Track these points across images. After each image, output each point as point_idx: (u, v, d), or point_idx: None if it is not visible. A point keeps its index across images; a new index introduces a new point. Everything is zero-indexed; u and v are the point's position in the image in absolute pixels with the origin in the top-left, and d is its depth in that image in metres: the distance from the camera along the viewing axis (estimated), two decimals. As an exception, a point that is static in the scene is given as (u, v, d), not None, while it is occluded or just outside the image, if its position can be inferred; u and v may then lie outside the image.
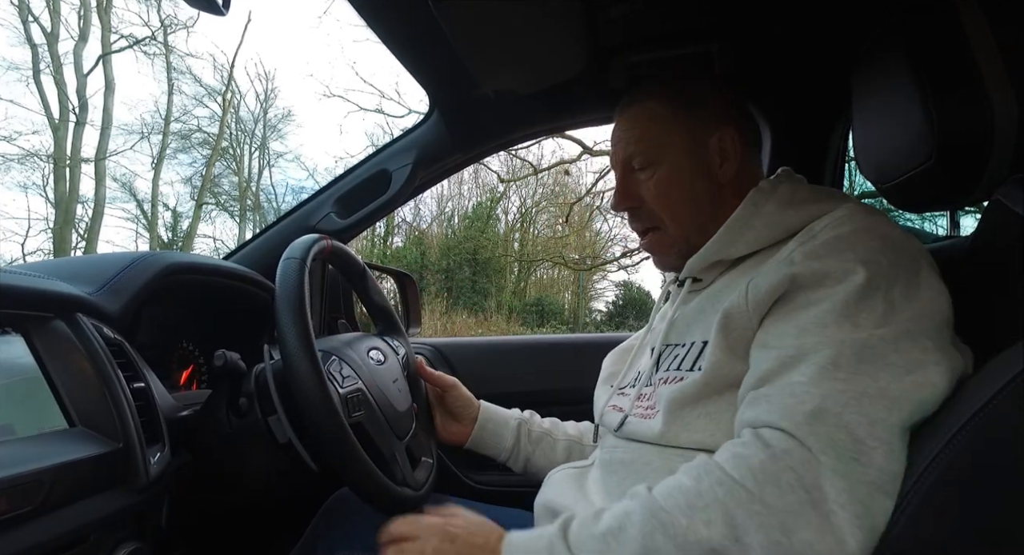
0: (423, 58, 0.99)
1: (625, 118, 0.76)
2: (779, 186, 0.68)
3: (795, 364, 0.52)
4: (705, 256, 0.69)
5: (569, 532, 0.53)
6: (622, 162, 0.75)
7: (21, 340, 0.55)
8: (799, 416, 0.48)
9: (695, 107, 0.73)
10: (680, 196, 0.72)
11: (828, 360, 0.50)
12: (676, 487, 0.51)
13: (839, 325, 0.52)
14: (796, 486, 0.46)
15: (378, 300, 0.99)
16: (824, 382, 0.49)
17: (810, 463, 0.46)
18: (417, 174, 1.11)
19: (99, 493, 0.52)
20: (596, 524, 0.52)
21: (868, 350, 0.50)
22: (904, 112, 0.70)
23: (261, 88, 12.39)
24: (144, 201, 11.44)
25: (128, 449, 0.56)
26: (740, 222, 0.67)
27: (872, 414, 0.47)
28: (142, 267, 0.74)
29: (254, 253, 1.15)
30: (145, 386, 0.64)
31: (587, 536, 0.52)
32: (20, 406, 0.52)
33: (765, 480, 0.47)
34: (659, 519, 0.49)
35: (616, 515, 0.52)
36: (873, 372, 0.49)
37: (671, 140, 0.72)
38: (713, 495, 0.48)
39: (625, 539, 0.50)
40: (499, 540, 0.56)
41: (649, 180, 0.73)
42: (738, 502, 0.47)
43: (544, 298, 11.49)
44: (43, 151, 10.08)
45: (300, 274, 0.71)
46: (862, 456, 0.46)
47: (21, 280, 0.57)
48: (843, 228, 0.58)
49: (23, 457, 0.46)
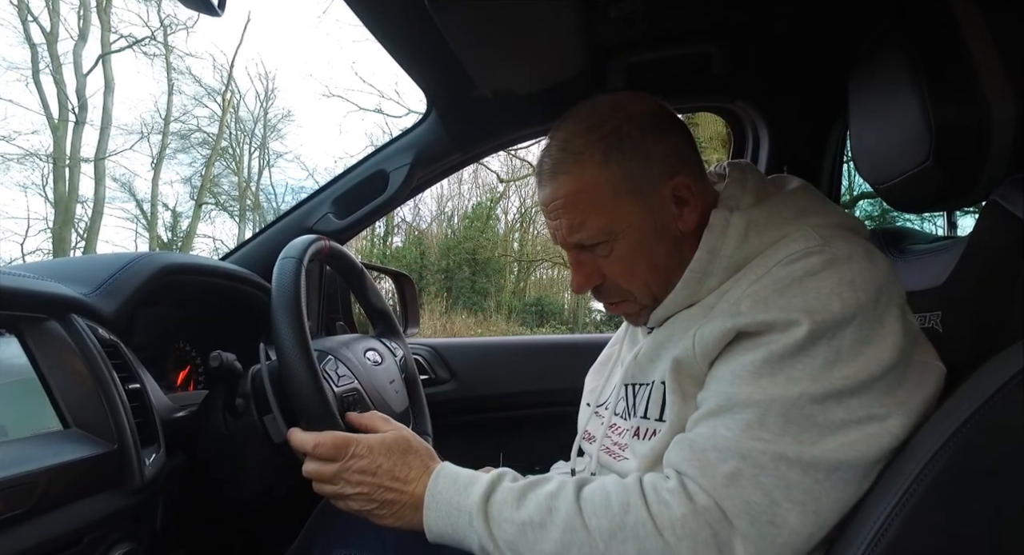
0: (420, 58, 0.99)
1: (558, 191, 0.63)
2: (731, 219, 0.61)
3: (723, 413, 0.52)
4: (669, 309, 0.65)
5: (490, 506, 0.55)
6: (573, 244, 0.65)
7: (15, 341, 0.54)
8: (719, 477, 0.50)
9: (639, 161, 0.61)
10: (646, 266, 0.64)
11: (754, 418, 0.50)
12: (603, 507, 0.52)
13: (772, 377, 0.51)
14: (711, 544, 0.48)
15: (376, 302, 0.99)
16: (746, 441, 0.50)
17: (724, 524, 0.48)
18: (415, 175, 1.11)
19: (93, 494, 0.52)
20: (518, 509, 0.54)
21: (795, 411, 0.50)
22: (901, 113, 0.70)
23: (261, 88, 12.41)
24: (144, 201, 11.45)
25: (123, 450, 0.56)
26: (698, 272, 0.61)
27: (788, 477, 0.48)
28: (138, 267, 0.73)
29: (251, 253, 1.15)
30: (140, 387, 0.64)
31: (507, 518, 0.54)
32: (14, 407, 0.52)
33: (684, 534, 0.49)
34: (579, 535, 0.51)
35: (540, 507, 0.54)
36: (797, 433, 0.49)
37: (621, 211, 0.62)
38: (634, 533, 0.50)
39: (543, 538, 0.53)
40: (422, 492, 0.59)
41: (607, 257, 0.64)
42: (654, 549, 0.49)
43: (544, 298, 11.48)
44: (42, 151, 10.10)
45: (296, 274, 0.71)
46: (776, 518, 0.48)
47: (15, 281, 0.57)
48: (795, 266, 0.55)
49: (16, 458, 0.46)
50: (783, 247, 0.57)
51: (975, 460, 0.46)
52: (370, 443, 0.62)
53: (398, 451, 0.62)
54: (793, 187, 0.66)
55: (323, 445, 0.61)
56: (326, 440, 0.61)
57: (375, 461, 0.60)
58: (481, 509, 0.55)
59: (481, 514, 0.55)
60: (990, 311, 0.62)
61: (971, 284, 0.67)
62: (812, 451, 0.48)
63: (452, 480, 0.59)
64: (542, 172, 0.65)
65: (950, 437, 0.46)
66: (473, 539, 0.55)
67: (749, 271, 0.58)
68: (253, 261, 1.11)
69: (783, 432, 0.49)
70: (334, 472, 0.61)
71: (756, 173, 0.68)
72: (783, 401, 0.50)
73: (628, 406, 0.68)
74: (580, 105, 0.66)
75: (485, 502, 0.55)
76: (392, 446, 0.62)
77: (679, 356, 0.59)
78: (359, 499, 0.60)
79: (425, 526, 0.58)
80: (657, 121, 0.64)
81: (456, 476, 0.59)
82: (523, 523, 0.53)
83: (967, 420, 0.45)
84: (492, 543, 0.54)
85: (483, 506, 0.55)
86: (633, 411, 0.66)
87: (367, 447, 0.61)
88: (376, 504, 0.60)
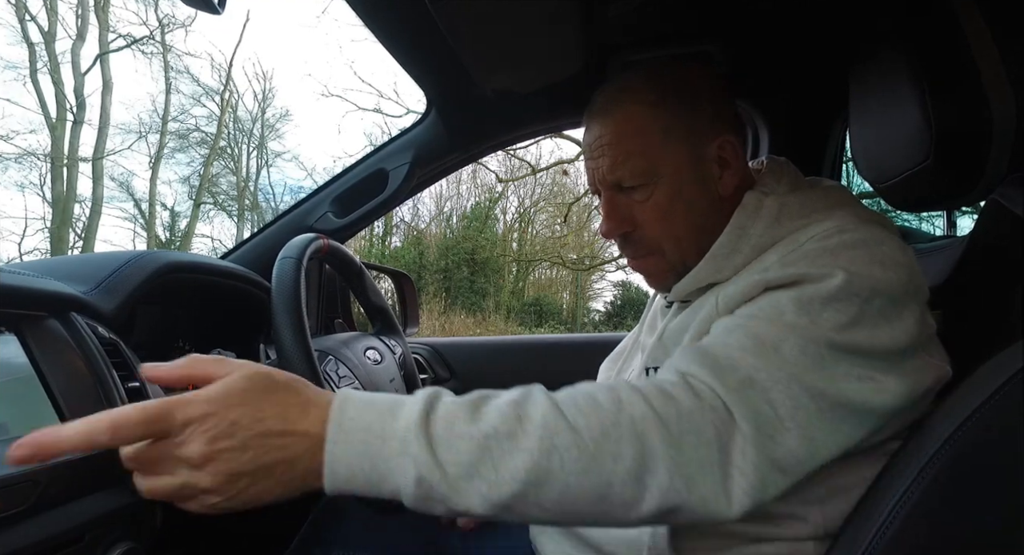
0: (420, 57, 0.99)
1: (606, 127, 0.64)
2: (764, 201, 0.62)
3: (740, 335, 0.50)
4: (692, 283, 0.64)
5: (433, 425, 0.42)
6: (609, 183, 0.65)
7: (15, 339, 0.54)
8: (731, 381, 0.46)
9: (692, 110, 0.64)
10: (682, 218, 0.63)
11: (771, 342, 0.49)
12: (590, 405, 0.44)
13: (796, 316, 0.50)
14: (714, 442, 0.44)
15: (375, 300, 0.99)
16: (761, 358, 0.48)
17: (729, 426, 0.45)
18: (415, 173, 1.11)
19: (93, 493, 0.52)
20: (474, 421, 0.42)
21: (812, 346, 0.48)
22: (902, 112, 0.70)
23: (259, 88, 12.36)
24: (142, 200, 11.42)
25: (123, 449, 0.56)
26: (726, 247, 0.61)
27: (798, 398, 0.46)
28: (138, 266, 0.73)
29: (251, 252, 1.15)
30: (140, 386, 0.64)
31: (461, 434, 0.42)
32: (13, 405, 0.51)
33: (689, 428, 0.44)
34: (563, 439, 0.42)
35: (505, 416, 0.43)
36: (811, 365, 0.48)
37: (667, 154, 0.62)
38: (632, 428, 0.43)
39: (513, 450, 0.41)
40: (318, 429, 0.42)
41: (644, 202, 0.63)
42: (657, 442, 0.43)
43: (542, 298, 11.49)
44: (40, 150, 10.06)
45: (296, 273, 0.71)
46: (777, 434, 0.45)
47: (14, 279, 0.57)
48: (831, 240, 0.54)
49: (16, 457, 0.46)
50: (815, 227, 0.56)
51: (976, 458, 0.46)
52: (208, 396, 0.41)
53: (257, 392, 0.42)
54: (828, 184, 0.67)
55: (124, 426, 0.39)
56: (127, 417, 0.39)
57: (224, 418, 0.40)
58: (420, 430, 0.41)
59: (421, 436, 0.41)
60: (990, 310, 0.62)
61: (971, 283, 0.67)
62: (821, 382, 0.47)
63: (367, 404, 0.43)
64: (592, 111, 0.66)
65: (951, 435, 0.46)
66: (408, 471, 0.41)
67: (777, 249, 0.58)
68: (253, 260, 1.11)
69: (797, 359, 0.48)
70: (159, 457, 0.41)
71: (793, 167, 0.69)
72: (803, 334, 0.49)
73: None
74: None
75: (424, 421, 0.42)
76: (246, 389, 0.42)
77: (703, 317, 0.58)
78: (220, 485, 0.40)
79: (327, 470, 0.41)
80: (712, 81, 0.66)
81: (372, 400, 0.44)
82: (485, 436, 0.42)
83: (968, 418, 0.45)
84: (438, 471, 0.41)
85: (422, 426, 0.42)
86: None
87: (204, 402, 0.40)
88: (247, 479, 0.41)
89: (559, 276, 12.32)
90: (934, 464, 0.46)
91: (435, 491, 0.41)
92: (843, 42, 0.97)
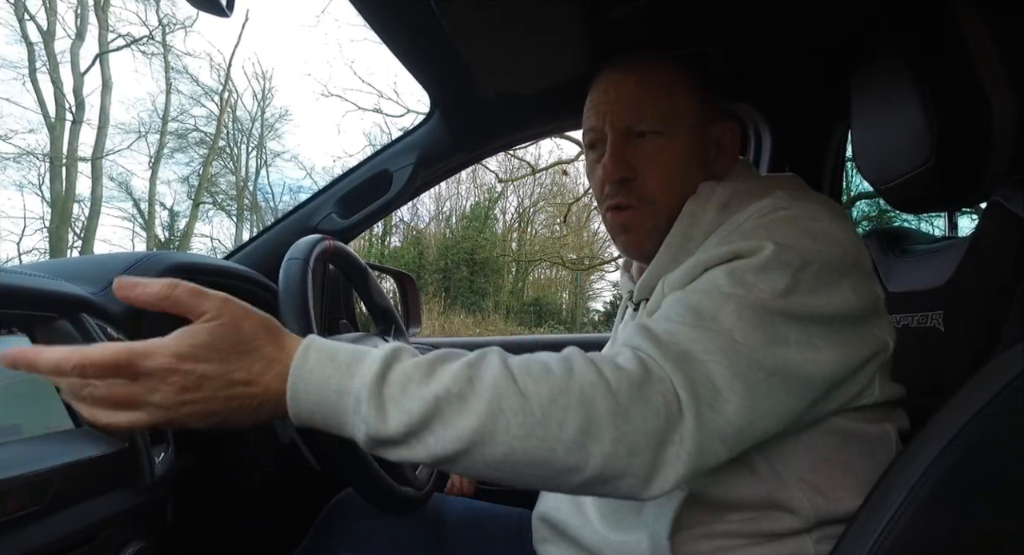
0: (424, 58, 0.99)
1: (630, 74, 0.67)
2: (716, 189, 0.64)
3: (679, 308, 0.52)
4: (651, 276, 0.66)
5: (387, 387, 0.44)
6: (624, 127, 0.66)
7: (26, 340, 0.55)
8: (671, 355, 0.47)
9: (706, 93, 0.69)
10: (681, 177, 0.66)
11: (709, 312, 0.50)
12: (542, 372, 0.45)
13: (731, 287, 0.51)
14: (660, 413, 0.45)
15: (379, 300, 1.00)
16: (699, 329, 0.49)
17: (673, 397, 0.46)
18: (418, 174, 1.11)
19: (105, 493, 0.53)
20: (427, 381, 0.44)
21: (749, 311, 0.49)
22: (903, 114, 0.71)
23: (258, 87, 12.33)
24: (141, 200, 11.41)
25: (133, 449, 0.56)
26: (680, 236, 0.63)
27: (735, 368, 0.47)
28: (145, 267, 0.74)
29: (255, 253, 1.15)
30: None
31: (411, 396, 0.43)
32: (26, 406, 0.52)
33: (638, 397, 0.45)
34: (511, 402, 0.43)
35: (457, 377, 0.44)
36: (749, 330, 0.49)
37: (687, 113, 0.66)
38: (580, 396, 0.44)
39: (461, 411, 0.43)
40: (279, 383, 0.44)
41: (654, 151, 0.65)
42: (604, 411, 0.44)
43: (542, 298, 11.50)
44: (39, 150, 10.05)
45: (303, 274, 0.71)
46: (715, 404, 0.46)
47: (25, 280, 0.57)
48: (766, 217, 0.56)
49: (31, 457, 0.46)
50: (753, 207, 0.59)
51: (979, 460, 0.46)
52: (176, 349, 0.42)
53: (224, 348, 0.44)
54: (780, 174, 0.71)
55: (91, 365, 0.42)
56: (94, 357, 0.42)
57: (191, 373, 0.43)
58: (373, 391, 0.44)
59: (373, 398, 0.43)
60: (992, 311, 0.63)
61: (973, 284, 0.68)
62: (759, 350, 0.48)
63: (329, 357, 0.45)
64: (616, 64, 0.70)
65: (954, 437, 0.47)
66: (359, 428, 0.44)
67: (720, 231, 0.60)
68: (257, 260, 1.11)
69: (734, 327, 0.49)
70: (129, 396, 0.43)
71: (751, 166, 0.72)
72: (739, 300, 0.50)
73: None
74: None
75: (380, 382, 0.44)
76: (211, 344, 0.43)
77: (652, 305, 0.61)
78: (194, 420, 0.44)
79: (291, 415, 0.45)
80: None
81: (335, 351, 0.46)
82: (435, 397, 0.43)
83: (972, 418, 0.46)
84: (387, 431, 0.43)
85: (375, 387, 0.44)
86: None
87: (172, 355, 0.42)
88: (218, 417, 0.45)
89: (558, 276, 12.33)
90: (938, 465, 0.46)
91: (384, 446, 0.45)
92: (844, 44, 0.97)
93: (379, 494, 0.68)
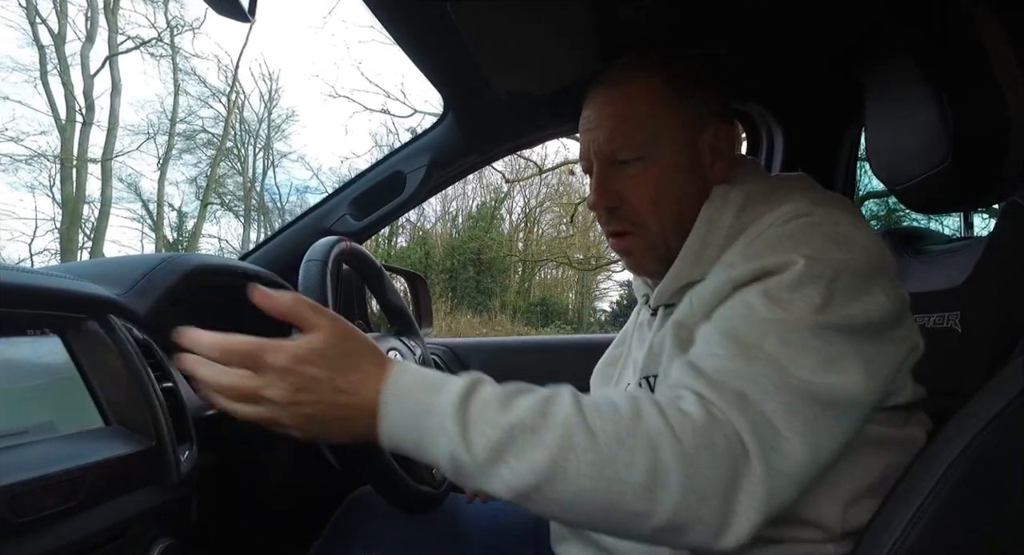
0: (438, 60, 1.00)
1: (608, 98, 0.66)
2: (731, 193, 0.63)
3: (723, 339, 0.52)
4: (671, 283, 0.65)
5: (470, 408, 0.47)
6: (606, 157, 0.66)
7: (58, 340, 0.56)
8: (727, 397, 0.48)
9: (691, 96, 0.66)
10: (670, 198, 0.65)
11: (754, 341, 0.50)
12: (611, 411, 0.47)
13: (769, 308, 0.51)
14: (727, 456, 0.45)
15: (394, 300, 1.01)
16: (745, 364, 0.49)
17: (737, 440, 0.46)
18: (432, 176, 1.12)
19: (134, 490, 0.54)
20: (505, 411, 0.46)
21: (794, 334, 0.49)
22: (918, 114, 0.71)
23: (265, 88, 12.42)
24: (150, 201, 11.52)
25: (160, 447, 0.57)
26: (699, 242, 0.63)
27: (791, 404, 0.47)
28: (168, 268, 0.75)
29: (271, 253, 1.16)
30: (174, 385, 0.66)
31: (490, 421, 0.46)
32: (60, 404, 0.53)
33: (704, 443, 0.45)
34: (580, 439, 0.45)
35: (532, 410, 0.46)
36: (795, 357, 0.48)
37: (667, 132, 0.64)
38: (647, 439, 0.45)
39: (533, 443, 0.45)
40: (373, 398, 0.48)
41: (637, 176, 0.65)
42: (671, 457, 0.44)
43: (548, 298, 11.50)
44: (50, 152, 10.16)
45: (322, 276, 0.72)
46: (778, 445, 0.46)
47: (56, 281, 0.59)
48: (788, 225, 0.56)
49: (66, 454, 0.48)
50: (773, 214, 0.58)
51: (999, 461, 0.46)
52: (295, 352, 0.48)
53: (335, 357, 0.49)
54: (792, 174, 0.69)
55: (230, 350, 0.49)
56: (233, 345, 0.49)
57: (305, 375, 0.48)
58: (458, 410, 0.46)
59: (457, 416, 0.46)
60: (1010, 311, 0.63)
61: (991, 284, 0.67)
62: (811, 380, 0.48)
63: (419, 379, 0.49)
64: (596, 85, 0.68)
65: (973, 439, 0.46)
66: (443, 446, 0.46)
67: (741, 239, 0.59)
68: (273, 260, 1.12)
69: (781, 355, 0.49)
70: (251, 390, 0.48)
71: (760, 165, 0.72)
72: (780, 325, 0.50)
73: None
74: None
75: (463, 403, 0.46)
76: (325, 352, 0.49)
77: (678, 318, 0.60)
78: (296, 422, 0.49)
79: (381, 431, 0.48)
80: (709, 76, 0.69)
81: (424, 375, 0.50)
82: (511, 426, 0.45)
83: (990, 422, 0.46)
84: (467, 451, 0.45)
85: (460, 407, 0.46)
86: None
87: (292, 356, 0.48)
88: (319, 423, 0.49)
89: (565, 276, 12.32)
90: (957, 467, 0.46)
91: (464, 469, 0.46)
92: (856, 43, 0.97)
93: (397, 492, 0.69)
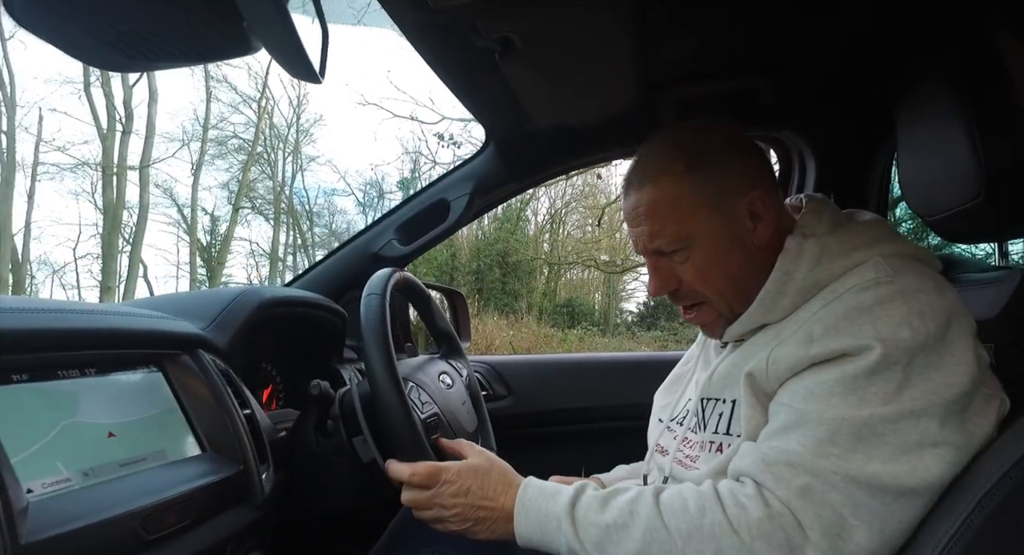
0: (481, 97, 1.05)
1: (641, 199, 0.70)
2: (805, 244, 0.66)
3: (795, 429, 0.56)
4: (745, 325, 0.69)
5: (576, 510, 0.61)
6: (652, 249, 0.70)
7: (161, 375, 0.63)
8: (792, 489, 0.54)
9: (717, 175, 0.68)
10: (720, 273, 0.69)
11: (826, 435, 0.54)
12: (681, 509, 0.57)
13: (845, 397, 0.55)
14: (784, 546, 0.52)
15: (442, 324, 1.06)
16: (817, 458, 0.53)
17: (798, 530, 0.52)
18: (474, 203, 1.17)
19: (229, 509, 0.60)
20: (603, 513, 0.60)
21: (867, 429, 0.53)
22: (950, 148, 0.72)
23: (294, 94, 12.66)
24: (184, 206, 11.87)
25: (247, 470, 0.64)
26: (773, 292, 0.65)
27: (857, 497, 0.52)
28: (242, 303, 0.82)
29: (321, 277, 1.23)
30: (252, 412, 0.72)
31: (593, 521, 0.60)
32: (168, 434, 0.60)
33: (759, 534, 0.53)
34: (659, 534, 0.57)
35: (622, 511, 0.59)
36: (867, 450, 0.53)
37: (699, 220, 0.67)
38: (711, 533, 0.55)
39: (625, 538, 0.58)
40: (511, 504, 0.65)
41: (684, 263, 0.69)
42: (729, 546, 0.54)
43: (574, 299, 11.48)
44: (92, 160, 10.58)
45: (382, 309, 0.78)
46: (844, 532, 0.52)
47: (155, 323, 0.66)
48: (865, 294, 0.58)
49: (180, 478, 0.54)
50: (854, 275, 0.61)
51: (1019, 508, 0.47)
52: (459, 469, 0.68)
53: (483, 472, 0.68)
54: (867, 219, 0.71)
55: (418, 474, 0.68)
56: (420, 470, 0.68)
57: (464, 484, 0.67)
58: (568, 514, 0.61)
59: (568, 518, 0.61)
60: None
61: (1024, 317, 0.69)
62: (880, 473, 0.52)
63: (540, 490, 0.65)
64: (629, 182, 0.73)
65: (1008, 470, 0.48)
66: (561, 542, 0.61)
67: (821, 296, 0.62)
68: (325, 284, 1.19)
69: (853, 450, 0.53)
70: (428, 498, 0.67)
71: (832, 205, 0.73)
72: (854, 420, 0.53)
73: (700, 420, 0.72)
74: (665, 129, 0.73)
75: (572, 507, 0.61)
76: (477, 469, 0.68)
77: (753, 370, 0.63)
78: (455, 520, 0.67)
79: (516, 533, 0.64)
80: (735, 141, 0.71)
81: (543, 487, 0.66)
82: (607, 525, 0.59)
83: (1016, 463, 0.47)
84: (579, 544, 0.59)
85: (570, 511, 0.61)
86: (704, 425, 0.71)
87: (456, 473, 0.68)
88: (471, 522, 0.66)
89: (591, 277, 12.28)
90: (991, 498, 0.48)
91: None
92: (889, 73, 0.99)
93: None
